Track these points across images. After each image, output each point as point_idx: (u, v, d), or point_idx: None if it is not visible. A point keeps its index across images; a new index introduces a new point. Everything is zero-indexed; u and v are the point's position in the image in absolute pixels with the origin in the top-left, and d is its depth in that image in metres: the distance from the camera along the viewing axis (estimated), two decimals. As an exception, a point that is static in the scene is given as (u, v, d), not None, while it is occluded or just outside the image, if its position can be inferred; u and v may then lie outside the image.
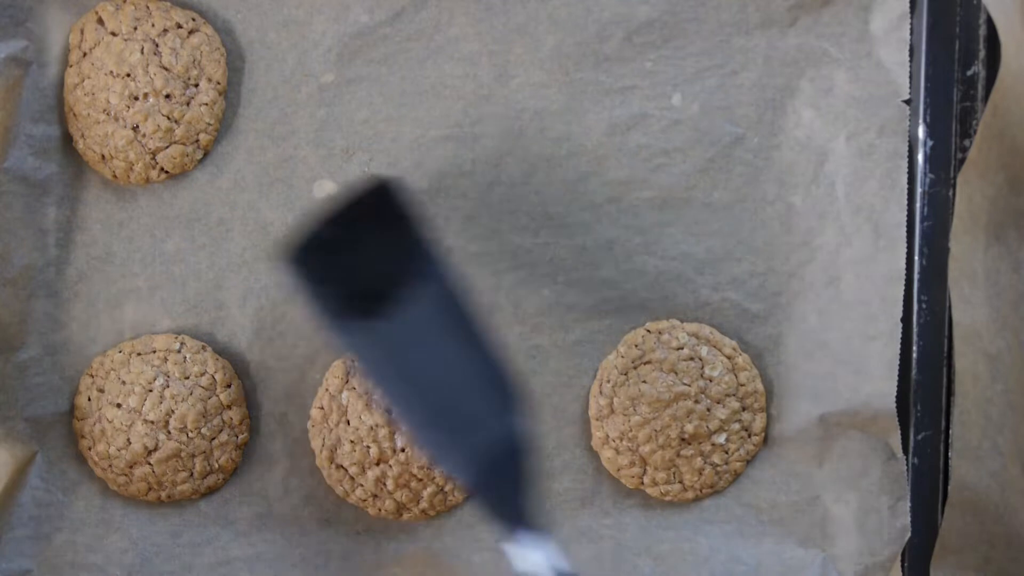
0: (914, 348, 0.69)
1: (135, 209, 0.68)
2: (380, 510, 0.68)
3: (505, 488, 0.57)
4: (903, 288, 0.67)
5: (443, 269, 0.60)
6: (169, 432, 0.67)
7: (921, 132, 0.68)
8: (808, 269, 0.68)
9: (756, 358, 0.69)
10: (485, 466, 0.57)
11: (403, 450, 0.67)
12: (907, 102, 0.67)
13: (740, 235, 0.69)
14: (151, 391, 0.67)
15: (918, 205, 0.68)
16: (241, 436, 0.68)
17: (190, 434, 0.67)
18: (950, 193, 0.68)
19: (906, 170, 0.67)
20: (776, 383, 0.69)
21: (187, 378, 0.67)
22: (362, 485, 0.67)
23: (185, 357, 0.68)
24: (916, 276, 0.68)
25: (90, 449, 0.68)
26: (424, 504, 0.68)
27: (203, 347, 0.68)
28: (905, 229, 0.67)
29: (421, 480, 0.67)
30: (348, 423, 0.67)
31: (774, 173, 0.69)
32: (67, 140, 0.68)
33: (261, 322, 0.69)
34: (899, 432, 0.67)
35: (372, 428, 0.67)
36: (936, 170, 0.68)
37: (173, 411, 0.67)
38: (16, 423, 0.67)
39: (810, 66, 0.68)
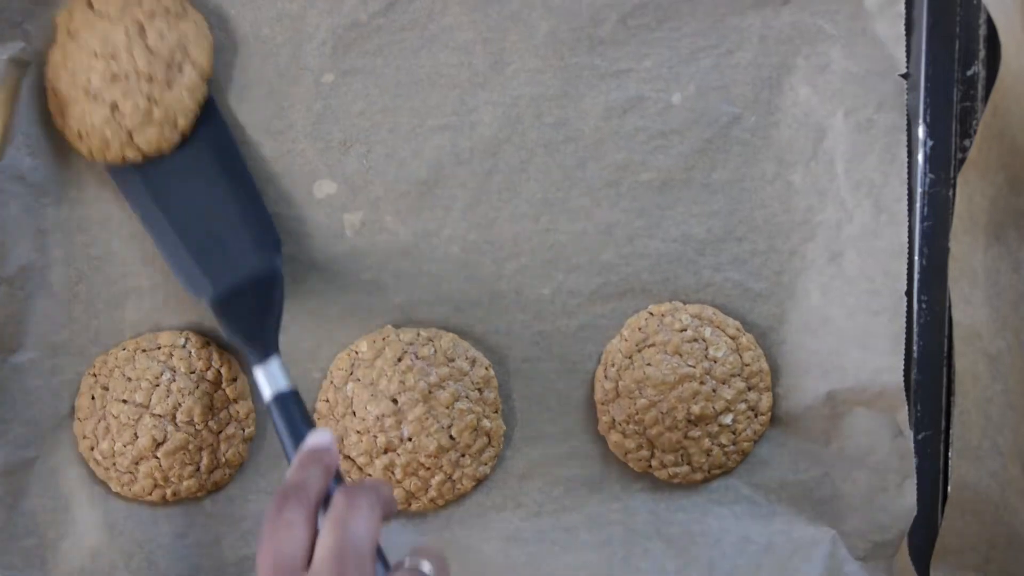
0: (914, 348, 0.69)
1: (134, 208, 0.68)
2: (389, 501, 0.68)
3: (251, 315, 0.64)
4: (906, 262, 0.67)
5: (215, 119, 0.67)
6: (177, 424, 0.66)
7: (921, 132, 0.68)
8: (809, 246, 0.68)
9: (760, 337, 0.69)
10: (231, 292, 0.65)
11: (410, 439, 0.67)
12: (905, 76, 0.67)
13: (740, 215, 0.69)
14: (158, 386, 0.66)
15: (918, 205, 0.68)
16: (248, 430, 0.68)
17: (197, 427, 0.67)
18: (950, 193, 0.68)
19: (905, 144, 0.67)
20: (781, 362, 0.69)
21: (193, 372, 0.67)
22: (370, 475, 0.67)
23: (190, 352, 0.67)
24: (916, 276, 0.68)
25: (92, 449, 0.67)
26: (433, 492, 0.68)
27: (207, 342, 0.68)
28: (906, 203, 0.67)
29: (429, 469, 0.67)
30: (354, 414, 0.67)
31: (772, 151, 0.69)
32: (64, 139, 0.67)
33: (264, 317, 0.69)
34: (906, 408, 0.67)
35: (378, 418, 0.66)
36: (936, 170, 0.68)
37: (180, 404, 0.66)
38: (14, 427, 0.67)
39: (805, 43, 0.68)
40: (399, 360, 0.67)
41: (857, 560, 0.68)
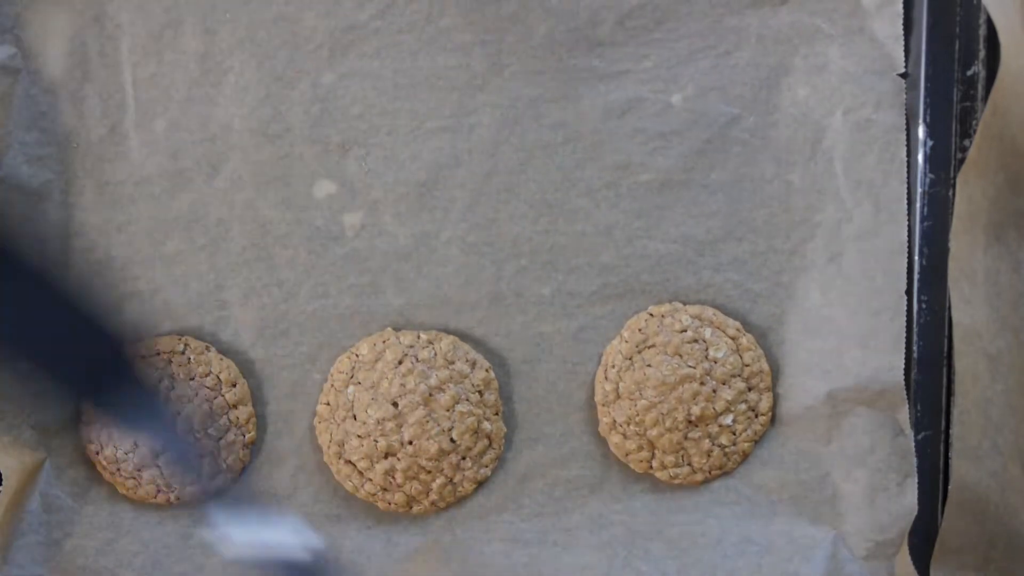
0: (914, 348, 0.68)
1: (133, 212, 0.68)
2: (390, 504, 0.68)
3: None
4: (906, 261, 0.67)
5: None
6: (176, 434, 0.66)
7: (921, 132, 0.68)
8: (809, 246, 0.68)
9: (760, 338, 0.69)
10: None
11: (411, 443, 0.67)
12: (903, 76, 0.67)
13: (740, 215, 0.69)
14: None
15: (918, 205, 0.68)
16: (248, 435, 0.68)
17: (197, 434, 0.67)
18: (950, 193, 0.68)
19: (905, 143, 0.67)
20: (781, 362, 0.69)
21: (192, 379, 0.67)
22: (371, 479, 0.67)
23: (189, 358, 0.67)
24: (916, 276, 0.68)
25: (98, 454, 0.68)
26: (434, 496, 0.68)
27: (207, 347, 0.68)
28: (906, 202, 0.67)
29: (430, 472, 0.67)
30: (355, 418, 0.67)
31: (771, 152, 0.68)
32: (61, 145, 0.67)
33: (264, 320, 0.69)
34: (907, 406, 0.67)
35: (379, 422, 0.67)
36: (936, 170, 0.68)
37: (179, 412, 0.67)
38: (23, 431, 0.67)
39: (803, 43, 0.68)
40: (399, 363, 0.67)
41: (858, 560, 0.68)
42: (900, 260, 0.67)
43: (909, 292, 0.68)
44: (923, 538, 0.68)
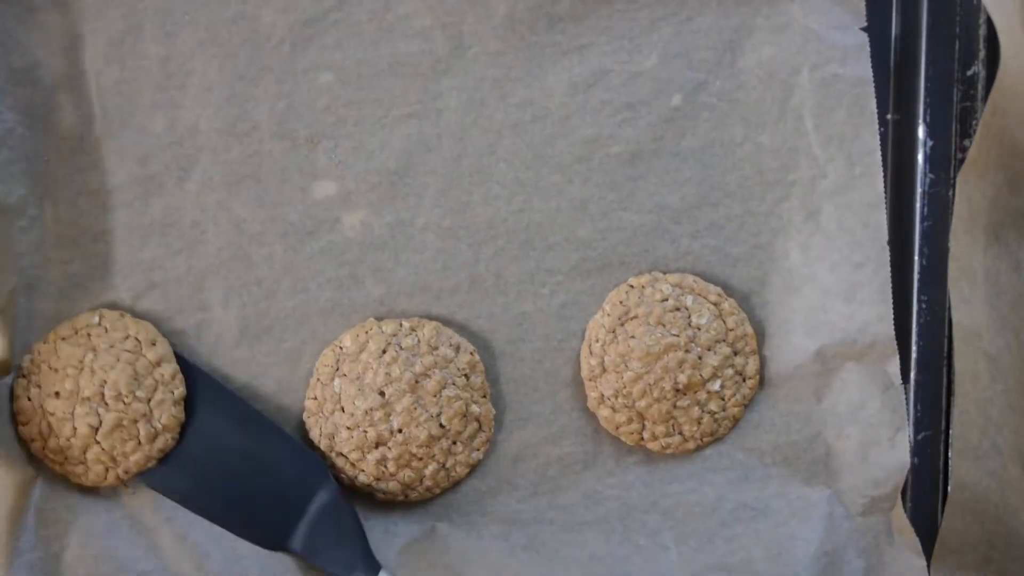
0: (914, 348, 0.68)
1: (108, 222, 0.68)
2: (385, 494, 0.68)
3: (335, 547, 0.67)
4: (885, 213, 0.67)
5: (210, 383, 0.68)
6: (106, 404, 0.66)
7: (921, 132, 0.68)
8: (785, 206, 0.68)
9: (742, 301, 0.69)
10: (309, 534, 0.67)
11: (400, 430, 0.67)
12: (865, 29, 0.67)
13: (713, 180, 0.68)
14: (82, 369, 0.66)
15: (918, 205, 0.68)
16: (177, 391, 0.67)
17: (126, 399, 0.66)
18: (950, 193, 0.68)
19: (873, 95, 0.67)
20: (766, 324, 0.69)
21: (112, 346, 0.67)
22: (364, 471, 0.67)
23: (105, 328, 0.67)
24: (916, 276, 0.68)
25: (44, 449, 0.67)
26: (428, 482, 0.68)
27: (121, 314, 0.67)
28: (880, 155, 0.67)
29: (422, 459, 0.67)
30: (343, 410, 0.67)
31: (740, 114, 0.68)
32: (32, 160, 0.67)
33: (246, 319, 0.69)
34: (897, 358, 0.67)
35: (367, 412, 0.67)
36: (936, 170, 0.68)
37: (105, 381, 0.66)
38: (12, 447, 0.67)
39: (764, 3, 0.68)
40: (383, 352, 0.67)
41: (855, 517, 0.68)
42: (879, 212, 0.67)
43: (909, 291, 0.68)
44: (923, 538, 0.68)
